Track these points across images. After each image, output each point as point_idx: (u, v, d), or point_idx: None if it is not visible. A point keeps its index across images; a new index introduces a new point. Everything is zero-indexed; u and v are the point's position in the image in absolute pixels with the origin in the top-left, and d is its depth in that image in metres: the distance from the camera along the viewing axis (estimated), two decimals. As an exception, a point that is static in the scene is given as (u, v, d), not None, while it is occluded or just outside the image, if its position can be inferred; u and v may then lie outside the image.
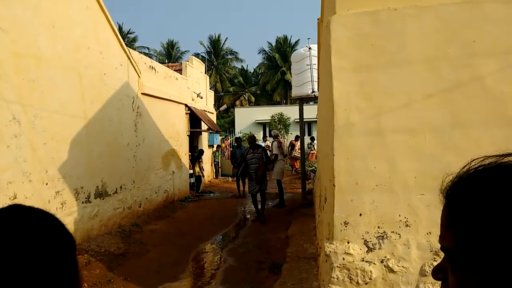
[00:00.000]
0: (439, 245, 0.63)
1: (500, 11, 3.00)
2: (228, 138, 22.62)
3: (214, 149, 17.16)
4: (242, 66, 47.03)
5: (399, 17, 3.21)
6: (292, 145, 17.48)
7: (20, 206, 0.72)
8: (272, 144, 11.38)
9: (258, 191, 9.22)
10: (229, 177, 16.03)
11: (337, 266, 3.18)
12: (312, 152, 17.65)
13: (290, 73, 16.08)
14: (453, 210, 0.59)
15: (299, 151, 16.88)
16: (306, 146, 17.20)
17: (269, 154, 11.40)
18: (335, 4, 3.39)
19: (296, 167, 17.69)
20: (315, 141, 17.70)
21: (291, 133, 24.02)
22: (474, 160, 0.59)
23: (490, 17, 3.01)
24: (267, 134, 28.47)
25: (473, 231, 0.54)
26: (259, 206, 9.33)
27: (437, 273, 0.63)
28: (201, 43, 53.46)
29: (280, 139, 11.94)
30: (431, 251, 2.97)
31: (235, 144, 13.20)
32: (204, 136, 15.98)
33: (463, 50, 3.06)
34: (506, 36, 2.97)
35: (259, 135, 26.84)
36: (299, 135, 20.12)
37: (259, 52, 44.75)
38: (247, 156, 9.48)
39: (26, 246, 0.64)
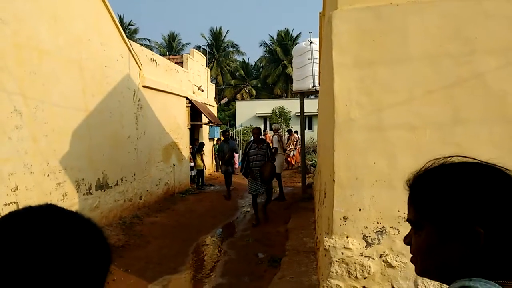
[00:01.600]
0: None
1: (502, 8, 3.00)
2: (228, 131, 22.59)
3: (215, 142, 17.14)
4: (243, 59, 46.96)
5: (401, 13, 3.21)
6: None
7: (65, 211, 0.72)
8: (272, 138, 11.32)
9: (262, 192, 8.29)
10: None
11: (336, 261, 3.21)
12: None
13: (291, 67, 16.05)
14: (412, 194, 0.86)
15: (291, 146, 16.86)
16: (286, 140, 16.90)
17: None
18: (337, -1, 3.38)
19: (292, 162, 17.27)
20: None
21: (291, 127, 23.97)
22: (429, 161, 0.86)
23: (492, 14, 3.01)
24: (268, 128, 28.47)
25: (424, 205, 0.82)
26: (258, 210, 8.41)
27: (406, 239, 0.89)
28: (202, 36, 53.29)
29: (280, 133, 11.92)
30: (429, 246, 2.99)
31: (222, 138, 12.27)
32: (205, 129, 16.00)
33: (464, 47, 3.05)
34: (507, 33, 2.97)
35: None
36: (291, 129, 20.15)
37: (260, 45, 44.83)
38: (250, 151, 8.26)
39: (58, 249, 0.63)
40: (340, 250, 3.21)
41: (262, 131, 9.40)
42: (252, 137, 8.62)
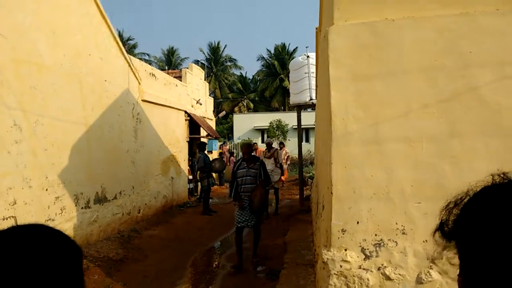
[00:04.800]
0: (435, 253, 0.78)
1: (496, 23, 3.06)
2: (226, 144, 22.66)
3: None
4: (241, 73, 47.23)
5: (396, 28, 3.27)
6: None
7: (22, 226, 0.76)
8: (277, 153, 11.22)
9: (251, 226, 6.46)
10: (226, 183, 15.98)
11: (335, 274, 3.21)
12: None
13: (289, 81, 16.13)
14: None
15: (284, 161, 16.35)
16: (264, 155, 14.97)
17: (270, 164, 11.27)
18: (333, 14, 3.44)
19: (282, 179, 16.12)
20: (283, 151, 14.89)
21: (288, 140, 24.02)
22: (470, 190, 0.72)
23: (486, 29, 3.07)
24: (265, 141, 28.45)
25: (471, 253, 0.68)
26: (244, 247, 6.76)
27: None
28: (201, 50, 53.69)
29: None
30: (427, 259, 3.01)
31: (199, 151, 11.54)
32: (203, 142, 16.01)
33: (459, 61, 3.11)
34: (502, 47, 3.03)
35: (258, 142, 26.77)
36: (283, 142, 19.80)
37: (258, 59, 45.05)
38: (238, 171, 6.52)
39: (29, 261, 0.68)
40: (338, 262, 3.22)
41: (253, 148, 8.58)
42: (243, 155, 6.72)
